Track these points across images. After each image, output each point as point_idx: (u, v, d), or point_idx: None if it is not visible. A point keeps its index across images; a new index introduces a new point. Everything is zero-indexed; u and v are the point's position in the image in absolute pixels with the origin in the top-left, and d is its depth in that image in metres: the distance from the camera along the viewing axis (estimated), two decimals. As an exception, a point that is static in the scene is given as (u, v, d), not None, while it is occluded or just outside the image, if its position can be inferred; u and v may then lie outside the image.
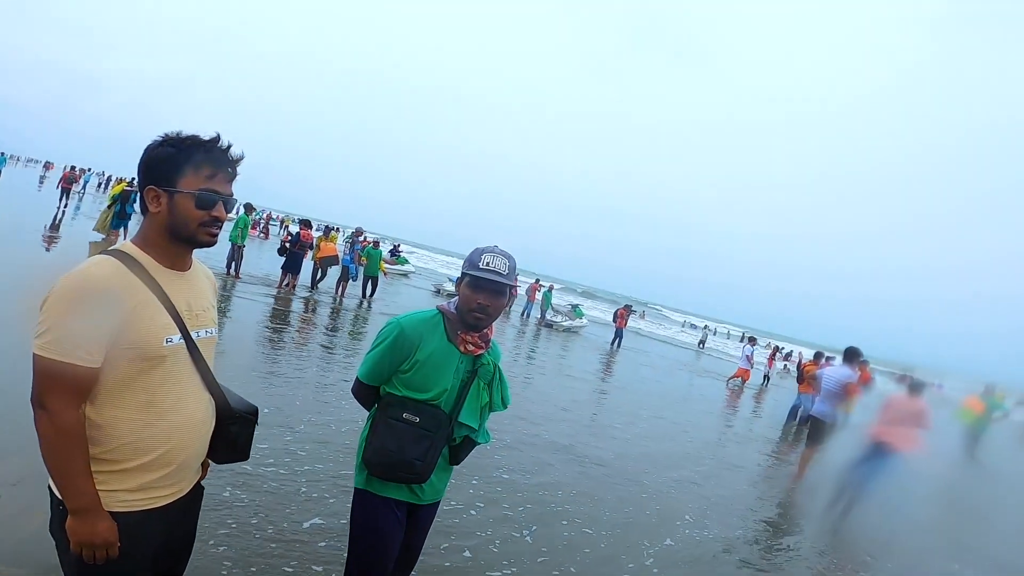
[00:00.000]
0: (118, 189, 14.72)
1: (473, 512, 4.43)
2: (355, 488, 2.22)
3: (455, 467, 2.33)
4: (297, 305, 12.88)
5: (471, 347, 2.17)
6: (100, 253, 1.48)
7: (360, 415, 5.67)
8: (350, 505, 2.21)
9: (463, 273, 2.17)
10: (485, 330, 2.21)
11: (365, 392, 2.24)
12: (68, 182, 22.46)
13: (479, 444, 2.31)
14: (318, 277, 15.63)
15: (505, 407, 2.34)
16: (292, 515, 3.73)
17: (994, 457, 12.76)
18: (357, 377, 2.23)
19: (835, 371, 7.78)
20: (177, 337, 1.49)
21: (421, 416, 2.09)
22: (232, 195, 1.58)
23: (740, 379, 18.14)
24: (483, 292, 2.11)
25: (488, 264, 2.11)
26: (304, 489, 4.11)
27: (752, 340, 19.90)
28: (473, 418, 2.20)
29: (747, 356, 18.72)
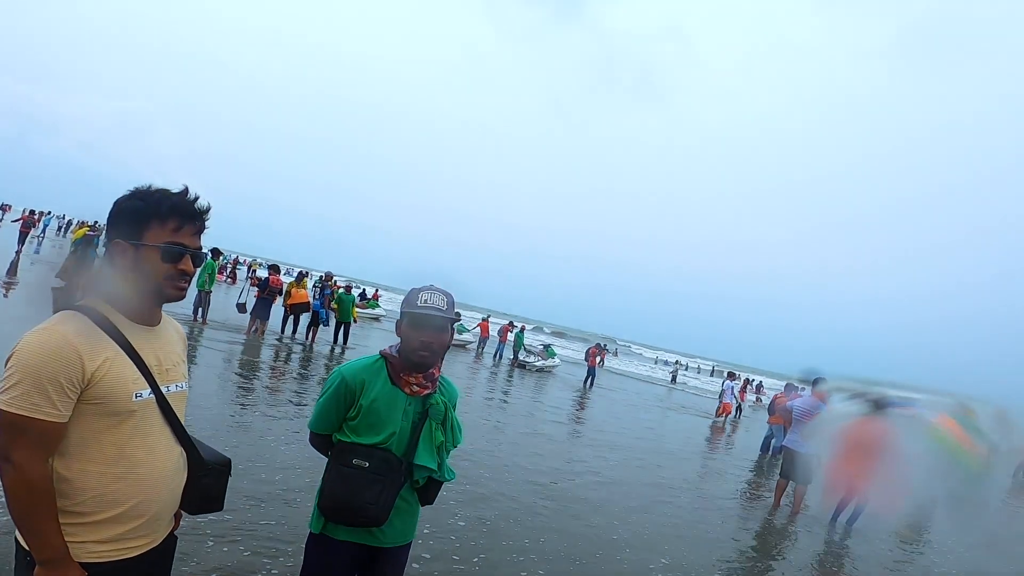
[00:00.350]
0: (80, 234, 14.48)
1: (416, 565, 4.04)
2: (310, 532, 2.21)
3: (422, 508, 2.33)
4: (264, 352, 12.63)
5: (416, 388, 2.17)
6: (67, 308, 1.47)
7: (297, 462, 5.57)
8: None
9: (402, 313, 2.18)
10: (431, 369, 2.21)
11: (318, 441, 2.27)
12: (27, 226, 21.98)
13: (447, 481, 2.29)
14: (289, 325, 15.29)
15: (458, 444, 2.34)
16: (187, 572, 3.37)
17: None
18: (309, 427, 2.27)
19: (804, 402, 7.95)
20: (147, 392, 1.50)
21: (371, 460, 2.09)
22: (201, 248, 1.58)
23: (725, 415, 18.32)
24: (425, 329, 2.12)
25: (427, 301, 2.13)
26: (210, 543, 3.75)
27: (732, 375, 20.09)
28: (430, 459, 2.19)
29: (728, 391, 18.86)
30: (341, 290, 16.63)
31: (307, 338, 15.10)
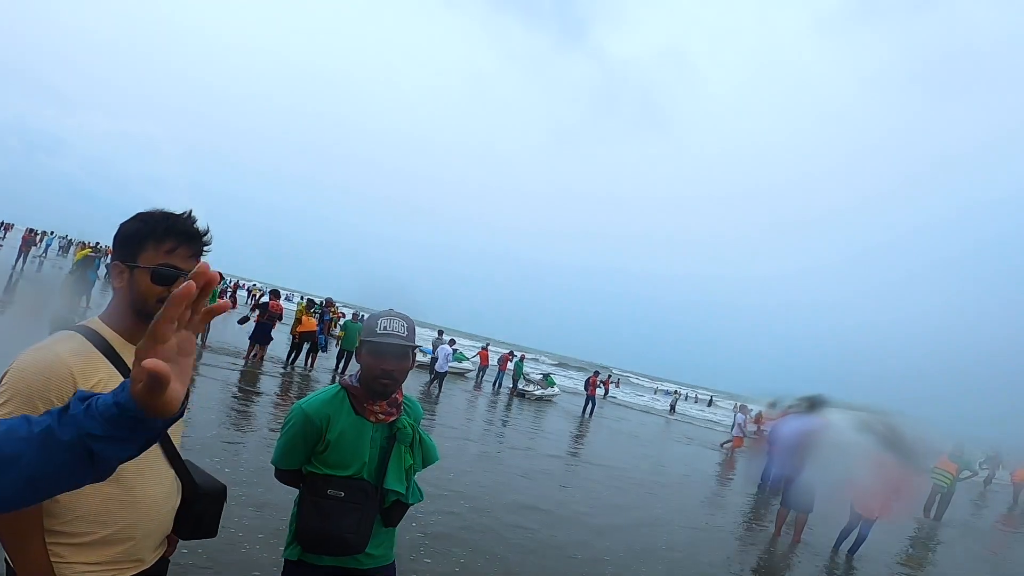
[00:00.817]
0: (81, 255, 14.53)
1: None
2: (287, 560, 2.16)
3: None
4: (262, 377, 12.59)
5: (381, 416, 2.15)
6: (67, 328, 1.48)
7: (241, 489, 5.39)
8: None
9: (362, 341, 2.14)
10: (394, 395, 2.18)
11: (287, 476, 2.22)
12: (27, 244, 22.13)
13: (412, 504, 2.26)
14: (294, 354, 14.94)
15: (435, 460, 2.31)
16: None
17: (959, 518, 12.88)
18: (275, 463, 2.21)
19: (804, 427, 7.94)
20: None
21: (346, 491, 2.07)
22: None
23: (734, 447, 18.02)
24: (386, 357, 2.08)
25: (386, 328, 2.10)
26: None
27: (743, 408, 19.78)
28: (399, 482, 2.17)
29: (739, 424, 18.56)
30: (347, 318, 16.61)
31: (306, 365, 15.04)
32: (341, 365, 15.82)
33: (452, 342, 20.91)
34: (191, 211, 1.55)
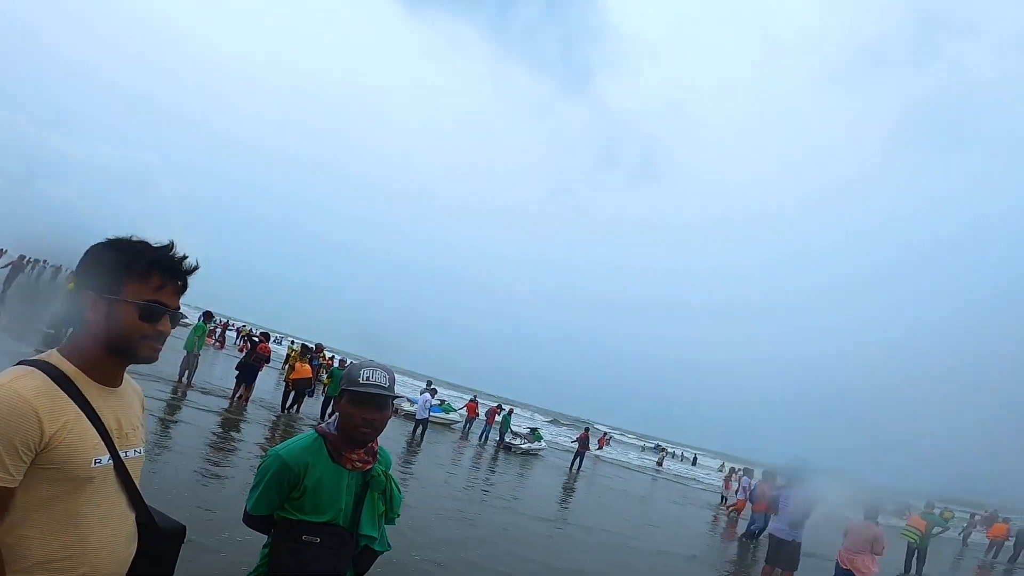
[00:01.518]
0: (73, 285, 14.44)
1: None
2: None
3: None
4: (247, 420, 12.35)
5: (359, 464, 2.16)
6: (23, 363, 1.37)
7: (213, 527, 5.27)
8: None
9: (343, 390, 2.16)
10: (370, 444, 2.20)
11: (258, 522, 2.19)
12: (15, 271, 21.91)
13: (381, 552, 2.26)
14: (290, 402, 14.75)
15: (394, 521, 2.30)
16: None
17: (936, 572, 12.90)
18: (246, 509, 2.17)
19: (788, 489, 8.16)
20: (106, 458, 1.39)
21: (322, 536, 2.06)
22: (179, 308, 1.49)
23: (737, 511, 17.56)
24: (367, 407, 2.11)
25: (368, 378, 2.12)
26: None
27: (748, 471, 19.41)
28: (372, 527, 2.18)
29: (744, 487, 18.10)
30: (335, 365, 16.52)
31: (293, 408, 14.84)
32: (329, 411, 15.58)
33: (434, 392, 20.86)
34: (173, 242, 1.46)
